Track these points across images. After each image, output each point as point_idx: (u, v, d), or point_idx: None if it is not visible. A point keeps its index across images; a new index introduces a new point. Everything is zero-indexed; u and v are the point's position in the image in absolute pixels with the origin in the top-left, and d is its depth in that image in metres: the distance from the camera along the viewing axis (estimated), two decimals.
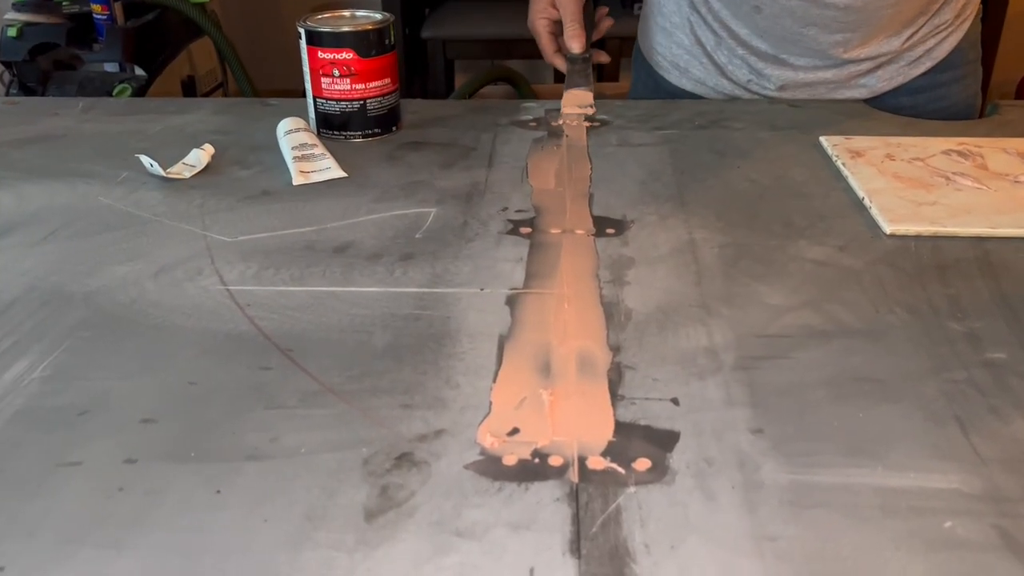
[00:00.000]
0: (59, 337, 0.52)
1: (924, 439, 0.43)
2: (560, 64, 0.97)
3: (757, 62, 0.93)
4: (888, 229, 0.63)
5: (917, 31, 0.89)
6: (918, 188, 0.69)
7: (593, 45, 0.98)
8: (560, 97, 0.91)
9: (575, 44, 0.94)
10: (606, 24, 0.99)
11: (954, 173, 0.71)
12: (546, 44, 0.97)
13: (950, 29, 0.91)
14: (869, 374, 0.48)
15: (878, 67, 0.91)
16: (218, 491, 0.41)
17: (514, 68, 2.20)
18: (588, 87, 0.91)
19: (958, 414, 0.45)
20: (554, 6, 0.95)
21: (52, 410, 0.46)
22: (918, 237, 0.63)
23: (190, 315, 0.54)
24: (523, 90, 2.23)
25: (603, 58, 0.99)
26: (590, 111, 0.89)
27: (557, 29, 0.96)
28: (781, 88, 0.93)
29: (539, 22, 0.97)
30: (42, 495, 0.40)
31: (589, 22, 0.97)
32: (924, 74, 0.92)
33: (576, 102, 0.90)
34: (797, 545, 0.37)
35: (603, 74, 2.56)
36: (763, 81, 0.93)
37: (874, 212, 0.66)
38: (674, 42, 1.00)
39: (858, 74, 0.91)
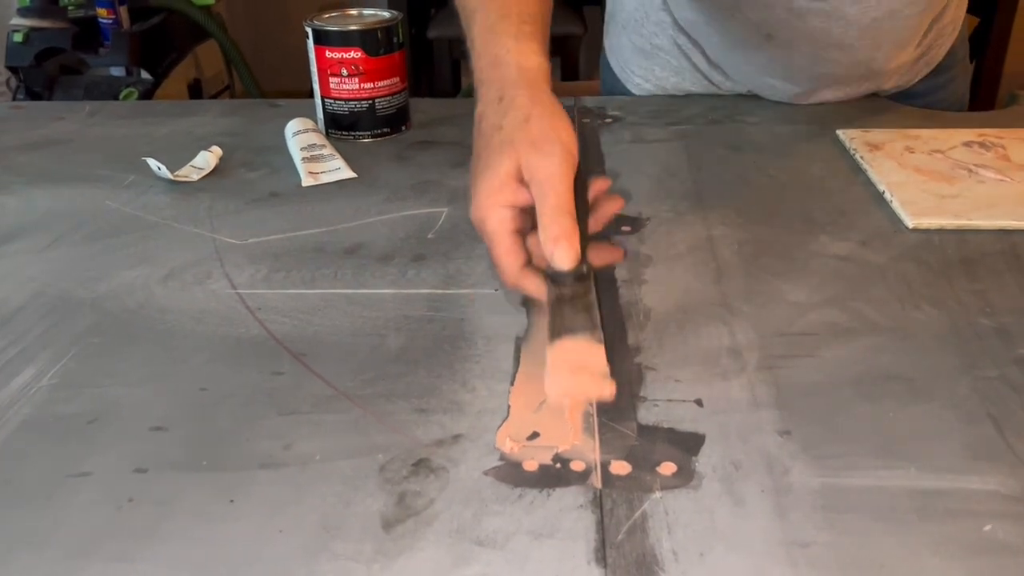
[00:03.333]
0: (67, 344, 0.51)
1: (958, 439, 0.42)
2: (534, 288, 0.50)
3: (751, 89, 0.89)
4: (911, 223, 0.62)
5: (924, 38, 0.86)
6: (940, 181, 0.67)
7: None
8: (567, 95, 0.88)
9: (564, 254, 0.47)
10: (612, 206, 0.54)
11: (976, 165, 0.69)
12: (506, 252, 0.50)
13: (947, 33, 0.88)
14: (898, 372, 0.47)
15: (887, 86, 0.87)
16: (231, 500, 0.39)
17: None
18: (592, 331, 0.46)
19: (992, 412, 0.44)
20: (521, 180, 0.50)
21: (60, 419, 0.45)
22: (942, 231, 0.61)
23: (200, 320, 0.53)
24: None
25: (612, 256, 0.55)
26: (604, 392, 0.43)
27: (526, 223, 0.50)
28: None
29: (494, 213, 0.50)
30: (51, 507, 0.39)
31: (582, 207, 0.50)
32: (921, 80, 0.89)
33: (575, 365, 0.45)
34: (831, 551, 0.36)
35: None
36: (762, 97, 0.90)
37: (895, 206, 0.64)
38: (657, 64, 0.90)
39: (862, 93, 0.87)
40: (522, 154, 0.50)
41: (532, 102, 0.52)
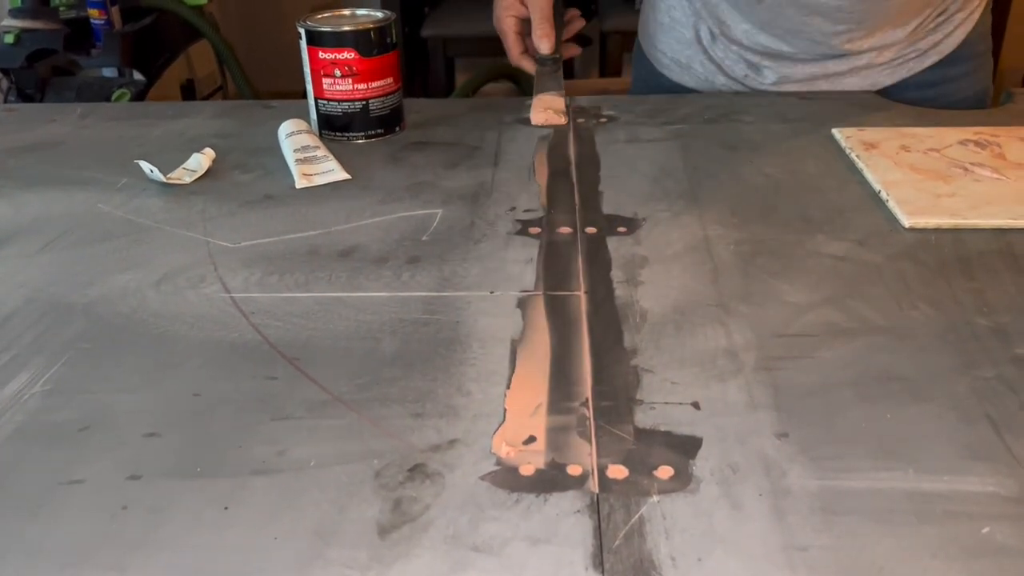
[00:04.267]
0: (59, 350, 0.51)
1: (956, 440, 0.42)
2: (528, 66, 0.91)
3: (753, 57, 0.91)
4: (907, 222, 0.62)
5: (923, 22, 0.87)
6: (936, 180, 0.67)
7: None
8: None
9: (545, 44, 0.89)
10: (577, 25, 0.95)
11: (972, 163, 0.69)
12: (513, 44, 0.91)
13: (957, 22, 0.89)
14: (896, 373, 0.47)
15: (881, 60, 0.89)
16: (225, 508, 0.39)
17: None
18: (559, 91, 0.85)
19: (990, 413, 0.43)
20: (523, 3, 0.89)
21: (53, 426, 0.45)
22: (938, 230, 0.61)
23: (193, 324, 0.53)
24: (525, 87, 2.21)
25: (573, 51, 0.95)
26: (561, 120, 0.83)
27: (525, 28, 0.91)
28: (778, 83, 0.91)
29: (506, 20, 0.91)
30: (43, 515, 0.39)
31: (559, 21, 0.92)
32: (932, 68, 0.90)
33: (546, 107, 0.84)
34: (830, 555, 0.36)
35: (605, 69, 2.54)
36: (760, 77, 0.91)
37: (891, 205, 0.64)
38: (674, 38, 0.98)
39: (860, 67, 0.89)
40: None
41: None
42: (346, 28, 0.78)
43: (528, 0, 0.88)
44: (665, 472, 0.40)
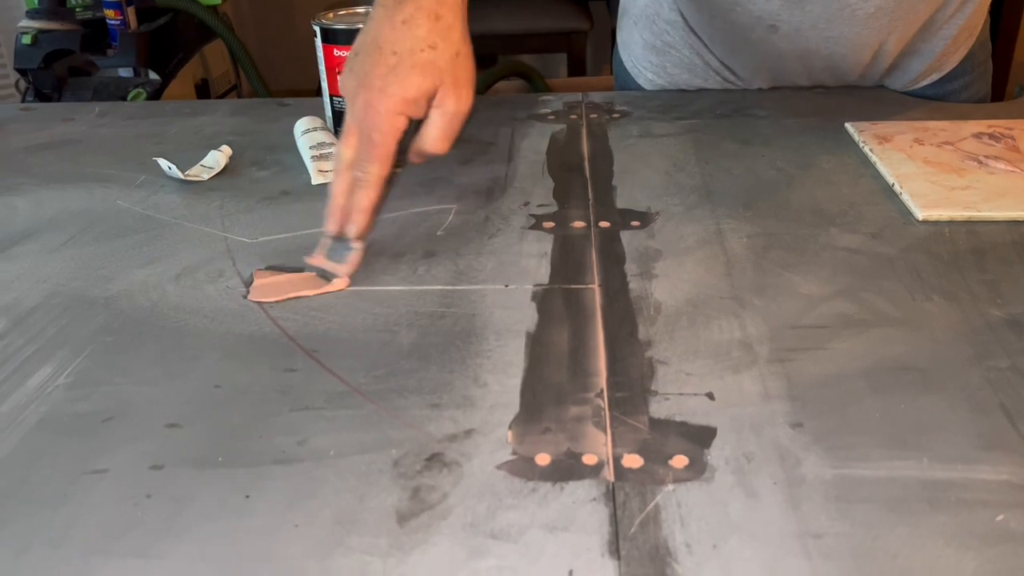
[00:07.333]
0: (81, 343, 0.51)
1: (970, 429, 0.42)
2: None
3: (772, 80, 0.90)
4: (921, 215, 0.62)
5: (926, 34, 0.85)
6: (949, 172, 0.67)
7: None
8: (574, 90, 0.87)
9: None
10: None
11: (986, 156, 0.69)
12: (385, 156, 0.58)
13: (962, 38, 0.87)
14: (909, 364, 0.47)
15: (887, 73, 0.88)
16: (247, 496, 0.40)
17: (526, 62, 2.19)
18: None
19: (1004, 403, 0.44)
20: (430, 103, 0.60)
21: (76, 417, 0.45)
22: (952, 222, 0.61)
23: (212, 318, 0.54)
24: (537, 84, 2.21)
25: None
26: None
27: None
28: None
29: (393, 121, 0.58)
30: (68, 504, 0.40)
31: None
32: (931, 84, 0.89)
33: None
34: (844, 542, 0.36)
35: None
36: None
37: (905, 198, 0.64)
38: (670, 61, 0.91)
39: (867, 79, 0.88)
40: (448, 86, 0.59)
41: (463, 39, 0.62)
42: (360, 26, 0.78)
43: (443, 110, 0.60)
44: (680, 461, 0.41)
